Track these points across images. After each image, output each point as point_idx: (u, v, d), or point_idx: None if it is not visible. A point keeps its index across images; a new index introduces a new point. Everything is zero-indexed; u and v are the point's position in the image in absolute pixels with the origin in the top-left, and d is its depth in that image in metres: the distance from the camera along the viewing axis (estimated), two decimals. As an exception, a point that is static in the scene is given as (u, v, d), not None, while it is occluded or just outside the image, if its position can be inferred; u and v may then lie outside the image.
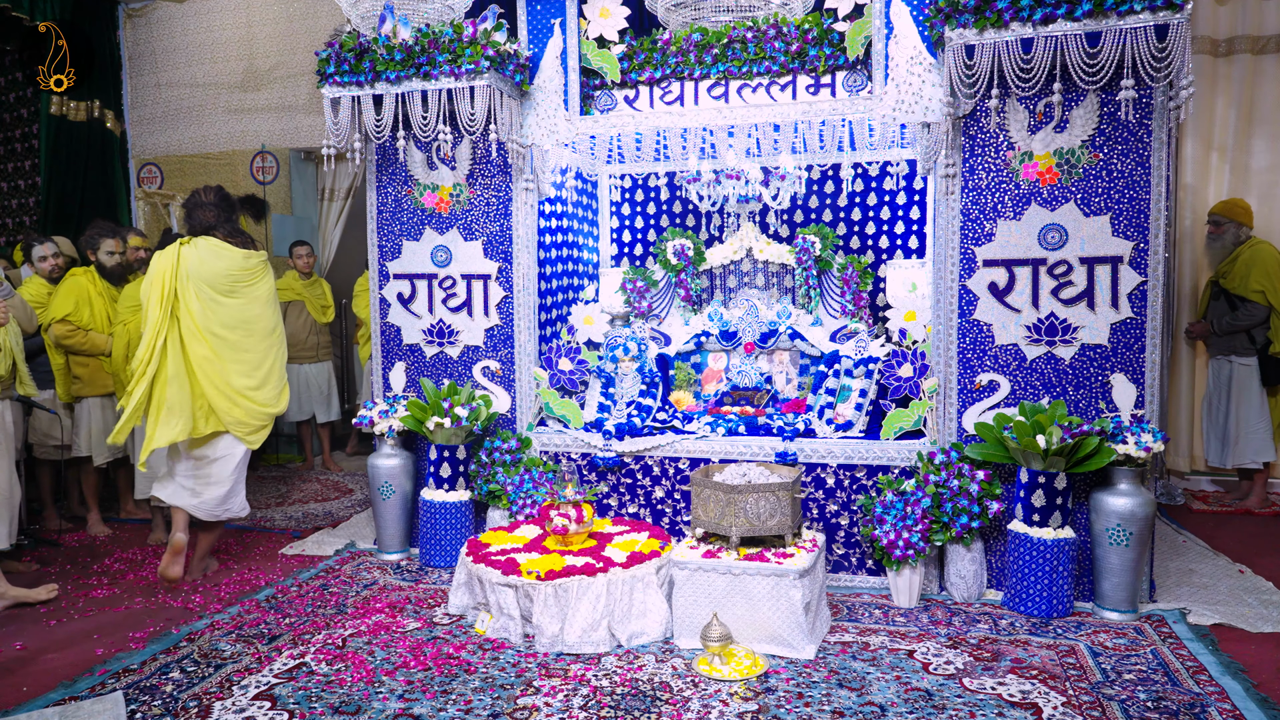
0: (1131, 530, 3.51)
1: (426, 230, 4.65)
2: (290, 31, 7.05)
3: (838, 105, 4.18)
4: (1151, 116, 3.64)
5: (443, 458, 4.37)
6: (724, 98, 4.40)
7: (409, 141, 4.57)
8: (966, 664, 3.15)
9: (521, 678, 3.09)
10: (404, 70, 4.21)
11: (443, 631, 3.52)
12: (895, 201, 5.21)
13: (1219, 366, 5.37)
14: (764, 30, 4.25)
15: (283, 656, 3.30)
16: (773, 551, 3.36)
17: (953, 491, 3.72)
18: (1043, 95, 3.70)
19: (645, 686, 3.01)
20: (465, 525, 4.38)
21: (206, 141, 7.37)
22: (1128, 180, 3.68)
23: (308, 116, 7.08)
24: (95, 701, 2.95)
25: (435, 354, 4.70)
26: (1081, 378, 3.76)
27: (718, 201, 5.09)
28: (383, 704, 2.90)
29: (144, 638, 3.52)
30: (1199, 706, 2.81)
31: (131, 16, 7.39)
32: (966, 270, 3.87)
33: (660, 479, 4.28)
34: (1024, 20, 3.47)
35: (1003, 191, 3.80)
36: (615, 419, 4.46)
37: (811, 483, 4.06)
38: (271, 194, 7.20)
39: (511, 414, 4.58)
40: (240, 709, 2.89)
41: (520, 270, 4.54)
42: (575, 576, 3.35)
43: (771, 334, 4.82)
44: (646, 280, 5.23)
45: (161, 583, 4.02)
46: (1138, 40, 3.38)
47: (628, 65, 4.48)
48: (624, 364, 4.60)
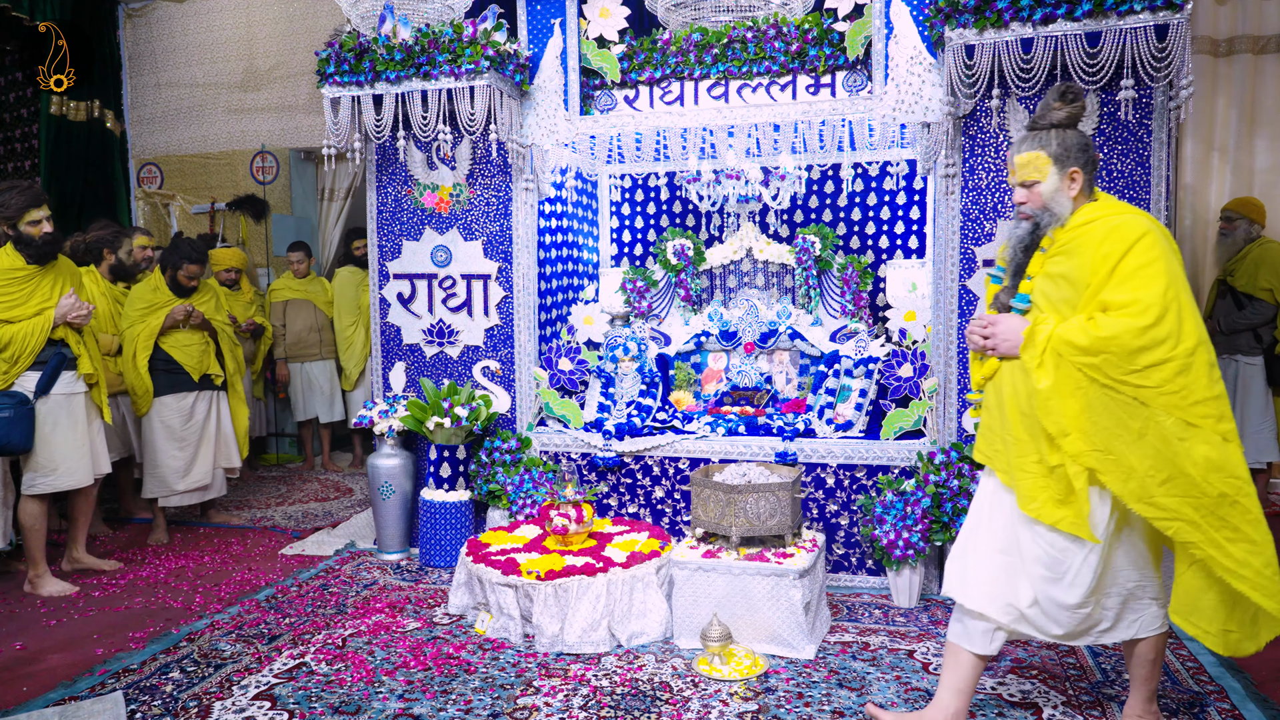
0: (1131, 530, 3.50)
1: (426, 230, 4.65)
2: (290, 31, 7.05)
3: (838, 105, 4.18)
4: (1151, 116, 3.64)
5: (443, 458, 4.37)
6: (724, 98, 4.40)
7: (409, 141, 4.57)
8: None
9: (521, 678, 3.09)
10: (404, 70, 4.21)
11: (443, 631, 3.52)
12: (895, 201, 5.21)
13: (1224, 366, 5.35)
14: (764, 30, 4.25)
15: (283, 656, 3.30)
16: (773, 551, 3.36)
17: (953, 491, 3.72)
18: (1042, 95, 3.69)
19: (645, 686, 3.01)
20: (465, 525, 4.38)
21: (206, 141, 7.37)
22: (1128, 180, 3.68)
23: (308, 116, 7.08)
24: (95, 701, 2.95)
25: (435, 354, 4.70)
26: (1081, 378, 3.75)
27: (718, 201, 5.09)
28: (383, 704, 2.90)
29: (144, 638, 3.52)
30: (1198, 706, 2.81)
31: (131, 16, 7.39)
32: (966, 270, 3.87)
33: (660, 479, 4.28)
34: (1024, 20, 3.47)
35: (1003, 191, 3.80)
36: (615, 419, 4.46)
37: (811, 483, 4.06)
38: (271, 194, 7.20)
39: (511, 414, 4.58)
40: (240, 709, 2.89)
41: (520, 270, 4.54)
42: (575, 576, 3.35)
43: (771, 334, 4.82)
44: (646, 280, 5.22)
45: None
46: (1138, 40, 3.38)
47: (628, 65, 4.48)
48: (624, 364, 4.60)
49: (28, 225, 3.96)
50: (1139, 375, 2.20)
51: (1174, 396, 2.19)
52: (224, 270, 6.31)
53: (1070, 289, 2.34)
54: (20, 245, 3.99)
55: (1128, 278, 2.23)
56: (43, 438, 4.01)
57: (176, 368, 4.89)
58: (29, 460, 4.01)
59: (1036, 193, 2.41)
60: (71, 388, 4.12)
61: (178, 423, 4.89)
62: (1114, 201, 2.40)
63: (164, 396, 4.87)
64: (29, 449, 3.97)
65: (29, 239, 3.97)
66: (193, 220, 7.34)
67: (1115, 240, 2.26)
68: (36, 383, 4.00)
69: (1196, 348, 2.20)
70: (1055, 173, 2.38)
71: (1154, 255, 2.22)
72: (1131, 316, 2.20)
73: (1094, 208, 2.37)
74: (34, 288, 4.02)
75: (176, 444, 4.90)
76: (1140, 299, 2.20)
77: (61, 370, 4.08)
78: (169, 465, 4.89)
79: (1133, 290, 2.22)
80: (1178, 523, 2.22)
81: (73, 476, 4.10)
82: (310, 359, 6.69)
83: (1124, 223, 2.28)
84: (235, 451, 5.16)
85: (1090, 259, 2.29)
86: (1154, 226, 2.27)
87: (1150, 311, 2.18)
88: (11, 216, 3.95)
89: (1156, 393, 2.19)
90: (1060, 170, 2.37)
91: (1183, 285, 2.24)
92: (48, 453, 4.03)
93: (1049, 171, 2.38)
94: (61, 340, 4.08)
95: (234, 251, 6.48)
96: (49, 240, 4.02)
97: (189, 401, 4.93)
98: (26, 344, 3.95)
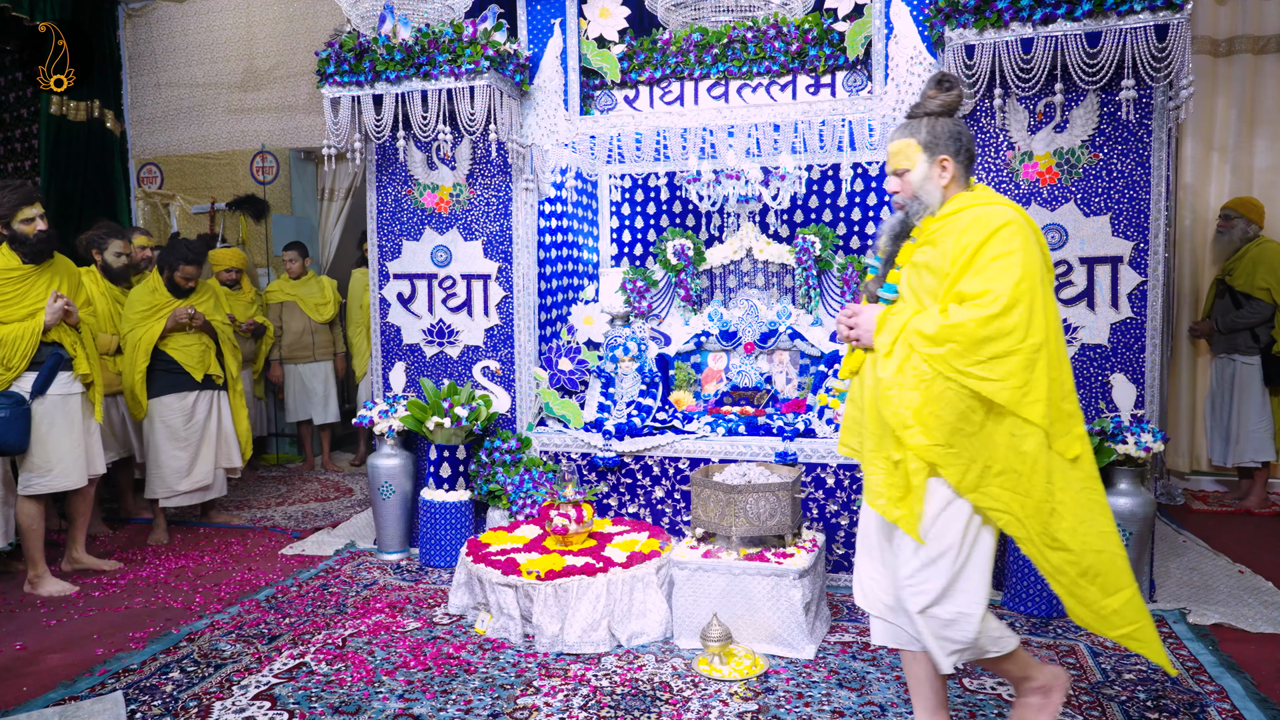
0: (1131, 530, 3.51)
1: (426, 230, 4.65)
2: (290, 31, 7.05)
3: (838, 105, 4.18)
4: (1151, 116, 3.64)
5: (443, 458, 4.37)
6: (724, 98, 4.39)
7: (409, 141, 4.57)
8: (966, 663, 3.15)
9: (521, 678, 3.09)
10: (404, 70, 4.21)
11: (443, 631, 3.52)
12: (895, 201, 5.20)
13: (1222, 365, 5.37)
14: (764, 30, 4.25)
15: (283, 656, 3.30)
16: (773, 551, 3.36)
17: (953, 491, 3.72)
18: (1043, 95, 3.70)
19: (645, 686, 3.01)
20: (465, 525, 4.38)
21: (206, 141, 7.37)
22: (1128, 180, 3.68)
23: (308, 116, 7.08)
24: (95, 701, 2.95)
25: (435, 354, 4.70)
26: (1081, 378, 3.76)
27: (718, 201, 5.09)
28: (383, 704, 2.90)
29: (144, 638, 3.52)
30: (1198, 706, 2.81)
31: (131, 16, 7.39)
32: (966, 270, 3.87)
33: (660, 479, 4.28)
34: (1024, 20, 3.47)
35: (1003, 191, 3.80)
36: (615, 419, 4.46)
37: (811, 483, 4.06)
38: (271, 194, 7.20)
39: (511, 414, 4.58)
40: (240, 709, 2.89)
41: (520, 270, 4.54)
42: (575, 576, 3.35)
43: (771, 334, 4.81)
44: (646, 280, 5.22)
45: None
46: (1138, 40, 3.38)
47: (628, 65, 4.48)
48: (624, 364, 4.60)
49: (21, 224, 3.96)
50: (983, 367, 2.14)
51: (1015, 391, 2.13)
52: (224, 270, 6.32)
53: (933, 278, 2.28)
54: (15, 244, 3.99)
55: (984, 268, 2.17)
56: (38, 438, 4.01)
57: (177, 368, 4.89)
58: (24, 461, 4.01)
59: (907, 181, 2.35)
60: (68, 388, 4.12)
61: (179, 423, 4.89)
62: (986, 192, 2.34)
63: (165, 397, 4.87)
64: (25, 449, 3.97)
65: (23, 237, 3.97)
66: (193, 220, 7.34)
67: (976, 229, 2.20)
68: (33, 383, 4.00)
69: (1042, 346, 2.14)
70: (925, 161, 2.32)
71: (1012, 246, 2.16)
72: (981, 306, 2.14)
73: (964, 197, 2.31)
74: (29, 287, 4.02)
75: (178, 444, 4.90)
76: (992, 289, 2.14)
77: (58, 371, 4.08)
78: (171, 466, 4.89)
79: (986, 280, 2.15)
80: (1006, 516, 2.19)
81: (68, 477, 4.10)
82: (303, 361, 6.69)
83: (987, 213, 2.22)
84: (236, 452, 5.16)
85: (952, 248, 2.23)
86: (1018, 217, 2.21)
87: (999, 302, 2.12)
88: (4, 215, 3.95)
89: (999, 386, 2.13)
90: (930, 158, 2.31)
91: (1040, 280, 2.17)
92: (43, 453, 4.03)
93: (918, 160, 2.32)
94: (56, 341, 4.08)
95: (234, 251, 6.48)
96: (43, 238, 4.02)
97: (190, 401, 4.93)
98: (16, 348, 3.95)
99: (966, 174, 2.36)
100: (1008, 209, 2.23)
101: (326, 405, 6.79)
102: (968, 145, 2.35)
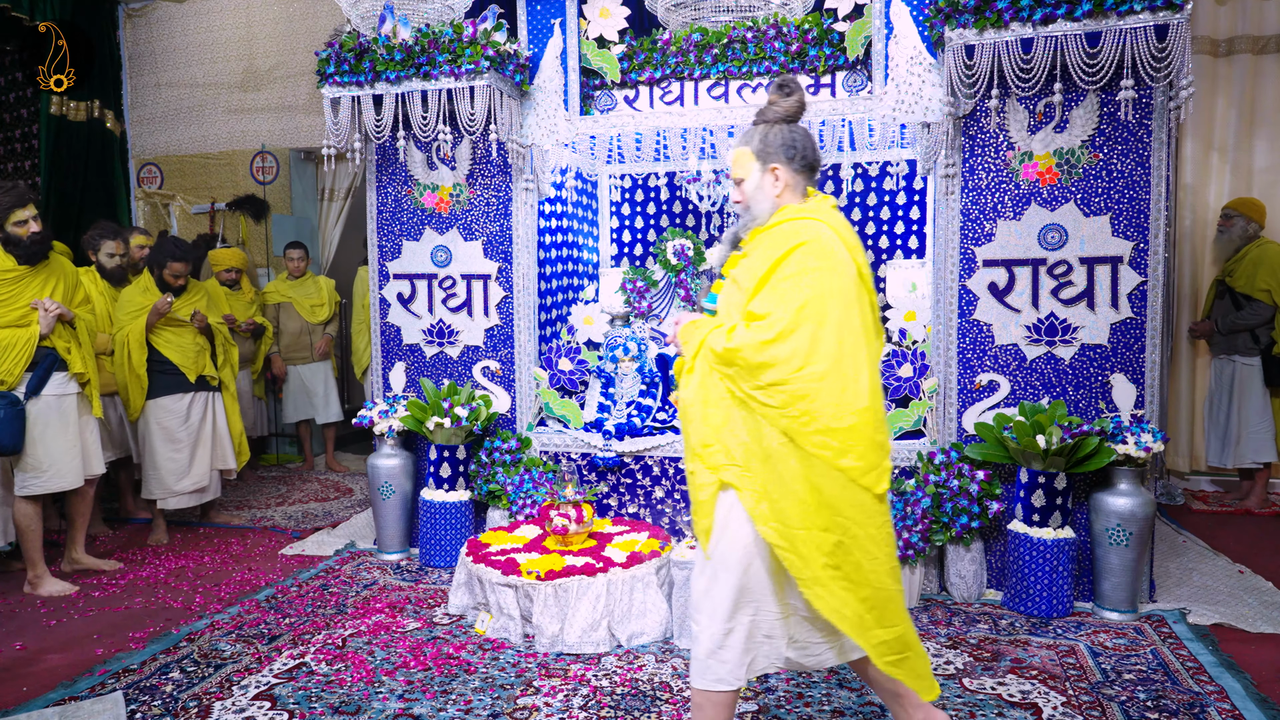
0: (1131, 530, 3.51)
1: (426, 230, 4.65)
2: (290, 31, 7.05)
3: (838, 105, 4.18)
4: (1151, 116, 3.64)
5: (443, 458, 4.37)
6: (724, 98, 4.40)
7: (409, 141, 4.57)
8: (966, 664, 3.15)
9: (521, 678, 3.09)
10: (404, 70, 4.21)
11: (443, 631, 3.52)
12: (895, 201, 5.21)
13: (1222, 366, 5.37)
14: (764, 30, 4.25)
15: (283, 656, 3.30)
16: (772, 551, 3.35)
17: (953, 491, 3.73)
18: (1043, 95, 3.70)
19: (645, 686, 3.01)
20: (465, 525, 4.38)
21: (206, 141, 7.37)
22: (1127, 180, 3.68)
23: (308, 116, 7.08)
24: (95, 701, 2.95)
25: (435, 354, 4.70)
26: (1081, 378, 3.76)
27: (718, 201, 5.09)
28: (383, 704, 2.90)
29: (144, 638, 3.52)
30: (1198, 706, 2.81)
31: (131, 16, 7.39)
32: (966, 270, 3.87)
33: (660, 479, 4.28)
34: (1024, 20, 3.47)
35: (1002, 191, 3.80)
36: (615, 419, 4.46)
37: (811, 483, 4.05)
38: (271, 194, 7.20)
39: (511, 414, 4.58)
40: (240, 709, 2.89)
41: (520, 270, 4.54)
42: (575, 576, 3.35)
43: (771, 334, 4.81)
44: (646, 280, 5.23)
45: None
46: (1137, 40, 3.38)
47: (628, 65, 4.48)
48: (624, 364, 4.60)
49: (14, 226, 3.97)
50: (764, 392, 2.07)
51: (794, 420, 2.04)
52: (224, 270, 6.32)
53: (739, 293, 2.19)
54: (8, 246, 3.99)
55: (775, 287, 2.08)
56: (33, 439, 4.00)
57: (172, 369, 4.88)
58: (20, 461, 4.01)
59: (743, 190, 2.27)
60: (63, 388, 4.11)
61: (174, 424, 4.88)
62: (815, 206, 2.22)
63: (160, 398, 4.86)
64: (20, 450, 3.96)
65: (17, 239, 3.97)
66: (193, 220, 7.34)
67: (777, 245, 2.12)
68: (27, 383, 4.00)
69: (828, 374, 2.03)
70: (757, 170, 2.23)
71: (805, 268, 2.05)
72: (759, 330, 2.06)
73: (790, 210, 2.21)
74: (23, 289, 4.02)
75: (174, 446, 4.89)
76: (774, 312, 2.06)
77: (53, 371, 4.07)
78: (168, 467, 4.89)
79: (770, 302, 2.07)
80: (790, 556, 2.10)
81: (64, 478, 4.09)
82: (301, 361, 6.70)
83: (794, 229, 2.13)
84: (230, 454, 5.15)
85: (758, 263, 2.15)
86: (821, 234, 2.11)
87: (775, 327, 2.04)
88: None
89: (779, 414, 2.06)
90: (762, 167, 2.22)
91: (831, 304, 2.05)
92: (38, 454, 4.02)
93: (751, 169, 2.24)
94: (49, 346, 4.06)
95: (234, 251, 6.48)
96: (37, 240, 4.02)
97: (185, 403, 4.92)
98: (7, 354, 3.94)
99: (805, 183, 2.27)
100: (815, 225, 2.14)
101: (327, 405, 6.79)
102: (804, 153, 2.24)
